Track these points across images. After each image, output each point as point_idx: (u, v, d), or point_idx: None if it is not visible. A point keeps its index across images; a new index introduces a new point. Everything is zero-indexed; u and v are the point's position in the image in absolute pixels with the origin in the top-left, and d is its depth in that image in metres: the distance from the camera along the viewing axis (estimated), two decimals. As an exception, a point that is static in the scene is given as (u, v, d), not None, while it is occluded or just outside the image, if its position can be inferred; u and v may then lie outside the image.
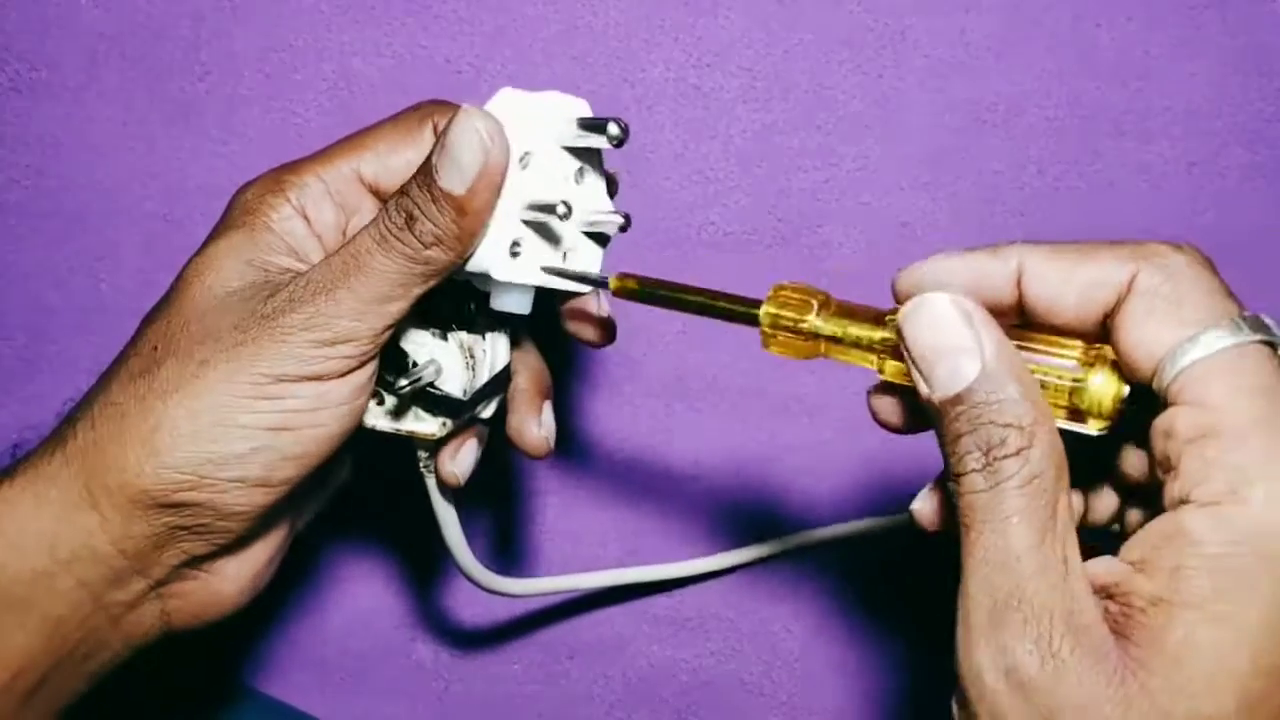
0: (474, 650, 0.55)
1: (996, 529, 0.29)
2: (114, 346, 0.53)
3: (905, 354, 0.32)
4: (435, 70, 0.51)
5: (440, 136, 0.34)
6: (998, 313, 0.32)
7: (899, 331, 0.32)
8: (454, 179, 0.34)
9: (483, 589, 0.45)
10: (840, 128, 0.52)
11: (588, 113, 0.37)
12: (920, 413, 0.33)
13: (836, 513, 0.54)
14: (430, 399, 0.39)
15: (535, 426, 0.41)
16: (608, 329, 0.41)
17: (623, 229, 0.38)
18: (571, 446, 0.54)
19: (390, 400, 0.39)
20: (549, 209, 0.35)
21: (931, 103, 0.51)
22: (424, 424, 0.39)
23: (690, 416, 0.54)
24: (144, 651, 0.38)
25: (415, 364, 0.38)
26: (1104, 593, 0.29)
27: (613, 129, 0.35)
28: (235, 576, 0.38)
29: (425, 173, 0.35)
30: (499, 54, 0.51)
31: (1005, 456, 0.29)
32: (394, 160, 0.39)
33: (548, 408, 0.41)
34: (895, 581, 0.55)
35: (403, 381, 0.37)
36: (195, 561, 0.37)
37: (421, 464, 0.41)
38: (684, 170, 0.52)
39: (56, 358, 0.53)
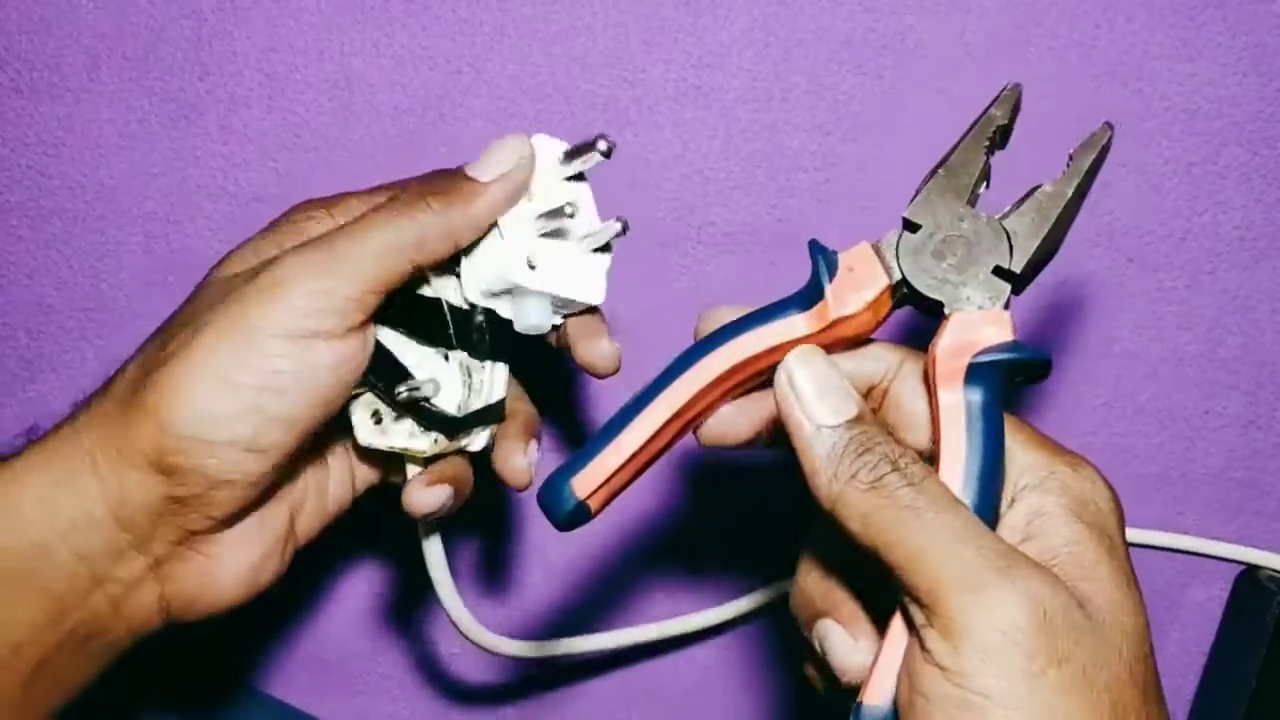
0: (474, 650, 0.55)
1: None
2: (114, 347, 0.53)
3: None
4: (435, 70, 0.51)
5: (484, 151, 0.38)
6: None
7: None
8: (480, 170, 0.38)
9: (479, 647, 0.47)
10: (840, 128, 0.52)
11: (566, 146, 0.40)
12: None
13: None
14: (425, 414, 0.39)
15: (520, 456, 0.41)
16: (616, 358, 0.42)
17: (623, 233, 0.39)
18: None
19: (387, 418, 0.40)
20: (558, 212, 0.38)
21: (931, 103, 0.51)
22: (416, 441, 0.40)
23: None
24: (145, 650, 0.38)
25: (413, 377, 0.40)
26: None
27: (601, 144, 0.38)
28: (231, 565, 0.38)
29: (452, 170, 0.38)
30: (499, 54, 0.51)
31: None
32: None
33: (534, 444, 0.42)
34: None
35: (401, 388, 0.38)
36: (192, 539, 0.37)
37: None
38: (684, 170, 0.52)
39: (57, 358, 0.53)
